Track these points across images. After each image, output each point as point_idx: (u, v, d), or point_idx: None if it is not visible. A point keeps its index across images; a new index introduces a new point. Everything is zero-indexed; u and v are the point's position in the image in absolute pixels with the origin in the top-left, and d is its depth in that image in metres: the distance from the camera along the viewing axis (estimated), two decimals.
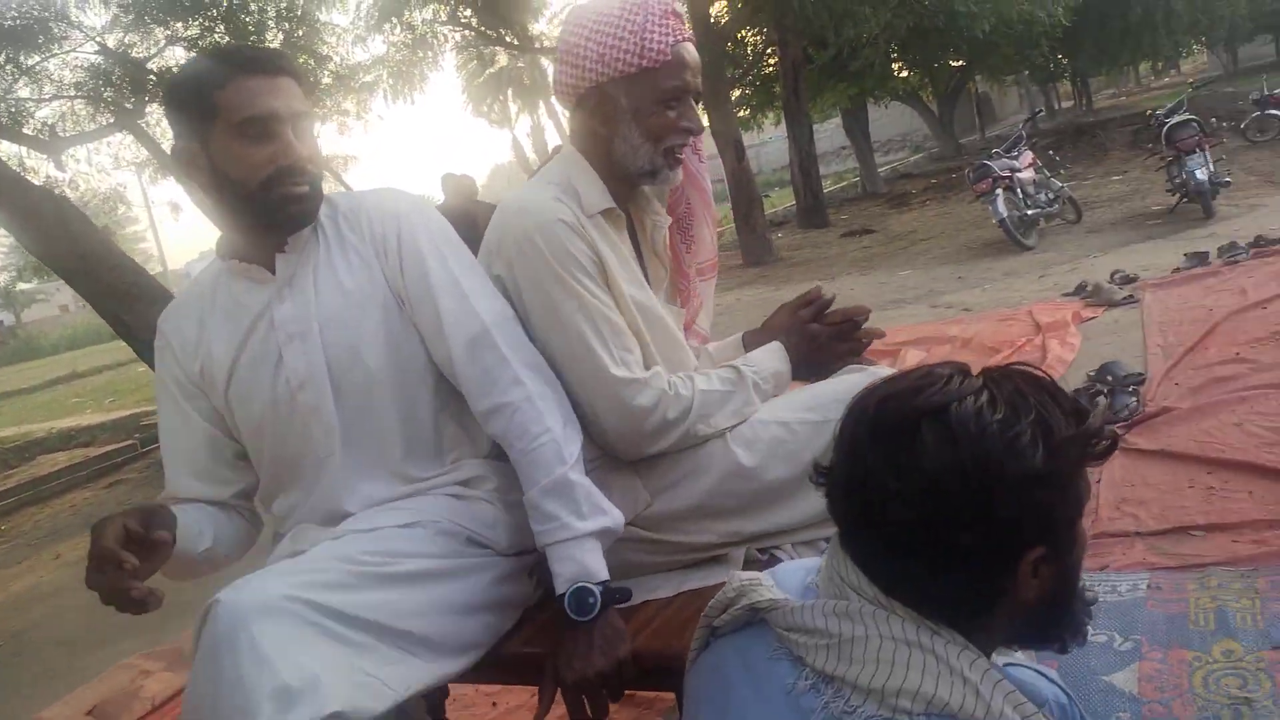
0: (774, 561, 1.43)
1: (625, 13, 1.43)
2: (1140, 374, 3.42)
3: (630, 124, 1.46)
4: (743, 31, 14.06)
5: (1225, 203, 6.98)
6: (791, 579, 0.96)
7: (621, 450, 1.43)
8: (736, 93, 15.42)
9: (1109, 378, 3.38)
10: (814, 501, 1.42)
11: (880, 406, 0.84)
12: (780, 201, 19.23)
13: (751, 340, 1.71)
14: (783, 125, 13.85)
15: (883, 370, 1.53)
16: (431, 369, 1.40)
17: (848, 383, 1.50)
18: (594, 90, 1.46)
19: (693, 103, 1.50)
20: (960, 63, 18.28)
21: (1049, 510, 0.80)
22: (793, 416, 1.46)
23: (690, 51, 1.47)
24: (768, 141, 27.39)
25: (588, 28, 1.45)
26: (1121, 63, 25.37)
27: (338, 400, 1.34)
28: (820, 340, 1.59)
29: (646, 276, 1.57)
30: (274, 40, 10.00)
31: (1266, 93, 11.14)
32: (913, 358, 4.30)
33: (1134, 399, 3.17)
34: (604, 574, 1.26)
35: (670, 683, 1.24)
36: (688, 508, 1.43)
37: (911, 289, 6.93)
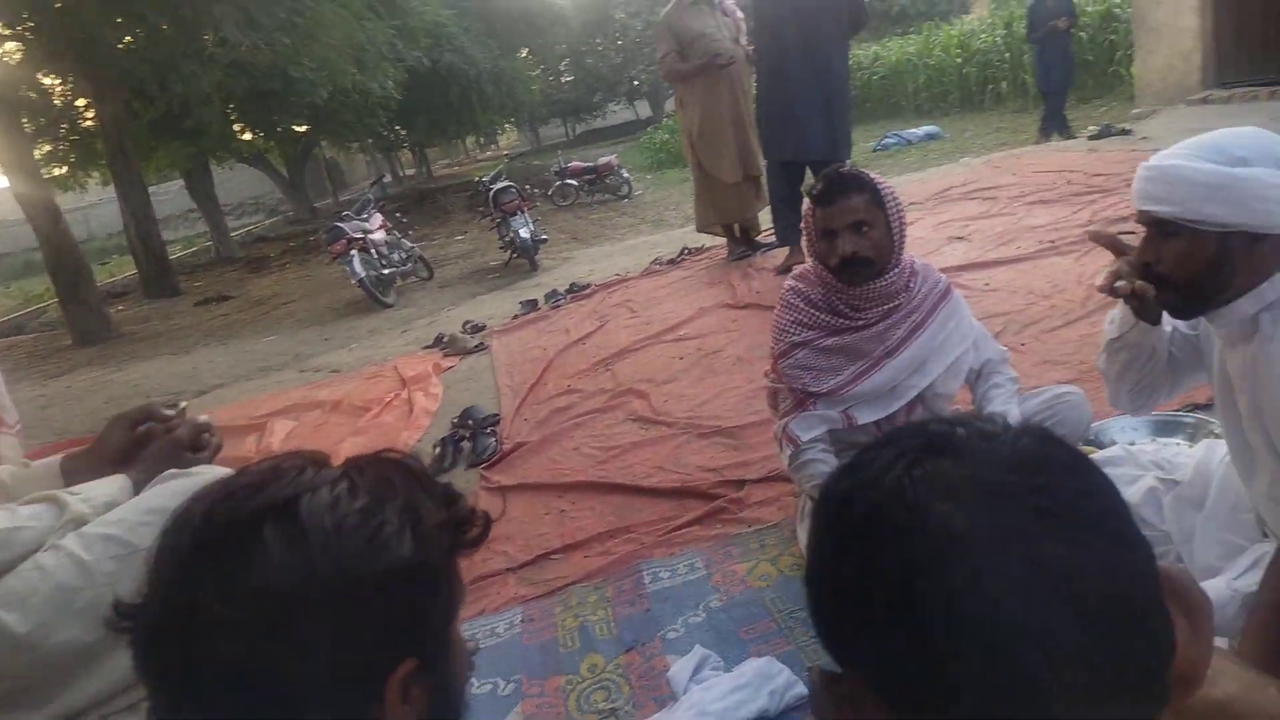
0: None
1: None
2: (496, 414, 3.68)
3: None
4: (47, 78, 12.10)
5: (546, 257, 8.12)
6: None
7: None
8: (47, 148, 13.23)
9: (470, 421, 3.56)
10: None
11: (210, 513, 0.65)
12: (121, 269, 17.01)
13: (70, 466, 1.34)
14: (113, 186, 12.25)
15: (215, 470, 1.30)
16: None
17: (166, 492, 1.23)
18: None
19: None
20: (305, 128, 18.39)
21: (419, 612, 0.69)
22: (91, 554, 1.13)
23: None
24: (98, 204, 24.09)
25: None
26: (450, 135, 28.52)
27: None
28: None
29: None
30: None
31: (564, 164, 13.43)
32: (281, 428, 4.02)
33: (493, 439, 3.38)
34: None
35: None
36: None
37: (278, 355, 6.61)
